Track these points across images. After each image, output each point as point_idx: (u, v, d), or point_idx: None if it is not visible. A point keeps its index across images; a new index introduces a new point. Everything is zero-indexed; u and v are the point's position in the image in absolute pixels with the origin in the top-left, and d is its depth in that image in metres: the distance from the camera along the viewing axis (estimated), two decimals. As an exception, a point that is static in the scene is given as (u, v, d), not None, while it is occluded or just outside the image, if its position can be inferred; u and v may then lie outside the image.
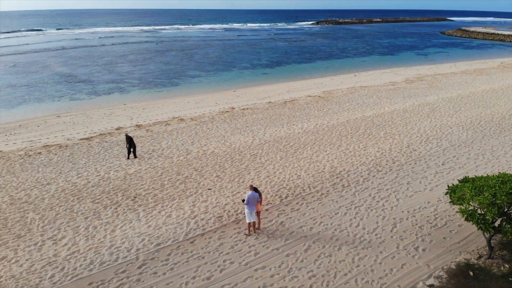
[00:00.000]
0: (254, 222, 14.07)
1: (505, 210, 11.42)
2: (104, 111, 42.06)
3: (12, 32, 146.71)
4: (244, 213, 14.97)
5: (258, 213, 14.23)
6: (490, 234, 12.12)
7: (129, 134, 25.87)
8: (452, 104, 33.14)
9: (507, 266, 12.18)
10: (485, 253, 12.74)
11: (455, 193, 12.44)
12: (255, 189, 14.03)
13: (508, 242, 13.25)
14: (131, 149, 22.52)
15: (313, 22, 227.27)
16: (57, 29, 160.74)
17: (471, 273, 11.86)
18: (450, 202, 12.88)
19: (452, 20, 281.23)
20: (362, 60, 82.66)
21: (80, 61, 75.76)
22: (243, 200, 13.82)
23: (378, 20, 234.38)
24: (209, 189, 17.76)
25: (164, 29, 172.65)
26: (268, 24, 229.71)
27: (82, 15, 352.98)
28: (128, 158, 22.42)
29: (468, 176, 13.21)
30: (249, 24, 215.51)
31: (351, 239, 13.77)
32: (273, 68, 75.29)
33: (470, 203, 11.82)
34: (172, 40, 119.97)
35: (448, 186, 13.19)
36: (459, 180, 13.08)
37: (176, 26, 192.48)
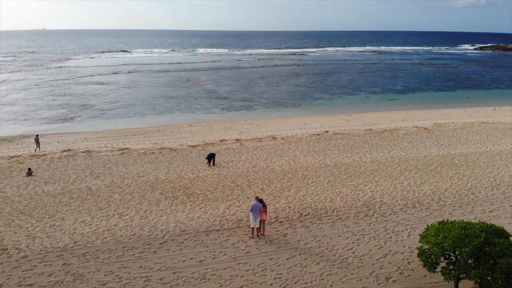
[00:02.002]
0: (258, 228, 16.85)
1: (450, 253, 11.76)
2: (226, 124, 48.93)
3: (176, 51, 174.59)
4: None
5: (263, 221, 16.96)
6: (456, 277, 12.38)
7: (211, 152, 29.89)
8: None
9: (468, 313, 12.24)
10: (454, 297, 12.87)
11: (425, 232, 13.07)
12: (260, 200, 16.88)
13: (487, 293, 12.96)
14: (211, 159, 27.36)
15: (476, 47, 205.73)
16: (228, 49, 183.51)
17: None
18: (419, 241, 13.45)
19: None
20: (516, 93, 73.56)
21: (227, 80, 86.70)
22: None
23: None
24: (248, 198, 21.02)
25: (313, 51, 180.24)
26: (425, 47, 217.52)
27: (245, 36, 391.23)
28: (208, 165, 27.27)
29: (460, 220, 13.38)
30: (401, 47, 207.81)
31: (335, 258, 15.31)
32: (405, 94, 73.43)
33: (429, 242, 12.43)
34: (315, 63, 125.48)
35: (427, 225, 13.72)
36: (438, 222, 13.50)
37: (325, 48, 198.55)
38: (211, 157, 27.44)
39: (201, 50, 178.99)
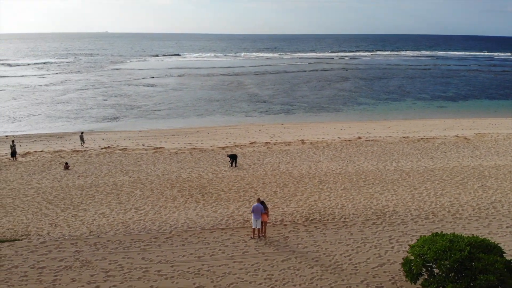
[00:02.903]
0: (259, 229, 17.30)
1: (432, 265, 11.51)
2: (261, 127, 49.56)
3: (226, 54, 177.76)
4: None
5: (264, 223, 17.38)
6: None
7: (234, 153, 30.38)
8: None
9: (453, 329, 11.88)
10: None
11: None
12: (261, 202, 17.33)
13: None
14: (233, 160, 28.16)
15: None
16: (278, 53, 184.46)
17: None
18: (407, 251, 13.23)
19: None
20: None
21: (270, 84, 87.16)
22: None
23: None
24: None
25: (364, 55, 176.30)
26: (485, 52, 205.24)
27: (296, 40, 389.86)
28: (231, 166, 28.09)
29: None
30: (459, 52, 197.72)
31: (330, 263, 15.38)
32: (455, 101, 70.20)
33: (414, 252, 12.26)
34: (365, 67, 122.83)
35: (420, 236, 13.47)
36: (431, 233, 13.22)
37: (377, 52, 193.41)
38: (233, 157, 28.17)
39: (250, 54, 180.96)
